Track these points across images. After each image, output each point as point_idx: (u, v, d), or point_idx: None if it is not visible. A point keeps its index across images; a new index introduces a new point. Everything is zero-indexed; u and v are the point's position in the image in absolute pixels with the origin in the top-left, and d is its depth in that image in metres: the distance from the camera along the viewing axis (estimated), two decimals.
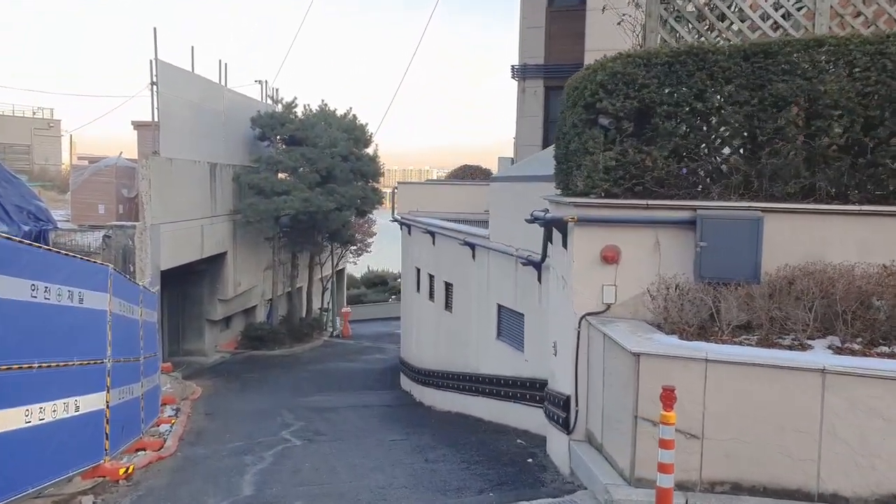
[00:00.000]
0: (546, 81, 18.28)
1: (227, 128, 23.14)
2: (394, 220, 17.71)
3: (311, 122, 24.92)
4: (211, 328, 23.55)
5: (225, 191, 22.66)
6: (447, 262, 13.32)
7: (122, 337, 9.20)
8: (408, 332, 16.74)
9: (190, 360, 22.73)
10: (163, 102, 18.12)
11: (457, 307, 12.88)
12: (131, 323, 9.96)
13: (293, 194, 22.78)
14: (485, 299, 11.49)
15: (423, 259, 15.04)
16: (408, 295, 16.78)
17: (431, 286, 14.57)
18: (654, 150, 6.23)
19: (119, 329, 8.88)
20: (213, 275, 23.09)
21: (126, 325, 9.55)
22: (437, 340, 14.00)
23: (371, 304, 43.13)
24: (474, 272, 11.89)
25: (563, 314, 7.05)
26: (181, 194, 19.37)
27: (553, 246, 7.70)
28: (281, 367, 21.74)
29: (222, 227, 22.52)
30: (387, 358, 24.39)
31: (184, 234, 19.61)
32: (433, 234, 13.91)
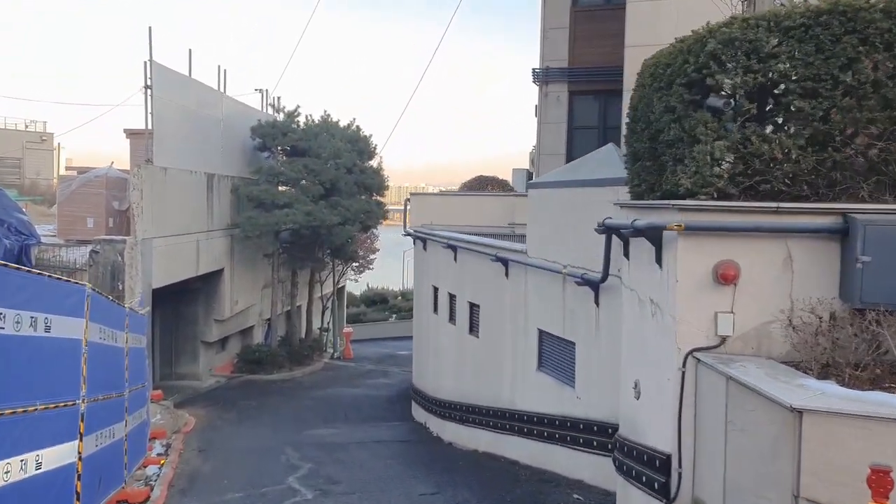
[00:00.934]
0: (570, 86, 16.98)
1: (226, 137, 21.75)
2: (406, 233, 16.29)
3: (314, 131, 23.56)
4: (206, 350, 22.00)
5: (223, 204, 21.22)
6: (472, 281, 11.88)
7: (102, 370, 7.70)
8: (423, 357, 15.24)
9: (183, 385, 21.16)
10: (157, 108, 16.72)
11: (485, 332, 11.42)
12: (114, 352, 8.46)
13: (295, 207, 21.34)
14: (521, 324, 10.04)
15: (441, 277, 13.59)
16: (422, 316, 15.30)
17: (452, 307, 13.11)
18: (785, 137, 4.83)
19: (98, 361, 7.40)
20: (208, 293, 21.58)
21: (107, 355, 8.05)
22: (459, 369, 12.51)
23: (371, 324, 41.60)
24: (508, 292, 10.45)
25: (653, 348, 5.61)
26: (176, 207, 17.92)
27: (630, 262, 6.28)
28: (280, 394, 20.17)
29: (219, 242, 21.05)
30: (392, 383, 22.85)
31: (178, 249, 18.14)
32: (455, 248, 12.48)
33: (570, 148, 17.06)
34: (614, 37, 16.48)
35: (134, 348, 10.07)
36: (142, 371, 11.19)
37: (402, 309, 46.02)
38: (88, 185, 19.32)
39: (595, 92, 16.86)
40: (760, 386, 4.18)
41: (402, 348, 35.73)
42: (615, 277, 7.60)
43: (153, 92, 16.53)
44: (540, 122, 17.26)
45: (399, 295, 49.18)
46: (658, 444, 5.49)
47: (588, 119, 17.10)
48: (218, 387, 21.23)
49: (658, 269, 5.43)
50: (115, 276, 16.29)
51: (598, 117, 16.99)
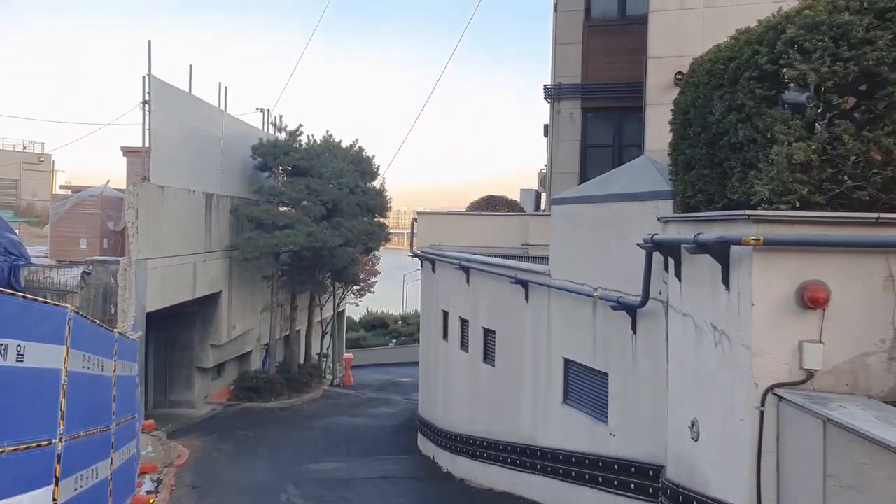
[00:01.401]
0: (584, 102, 16.40)
1: (226, 156, 21.12)
2: (413, 254, 15.54)
3: (316, 151, 22.95)
4: (201, 377, 21.12)
5: (221, 224, 20.51)
6: (487, 305, 11.11)
7: (85, 403, 6.90)
8: (430, 386, 14.41)
9: (177, 414, 20.25)
10: (156, 124, 16.09)
11: (501, 360, 10.63)
12: (99, 382, 7.66)
13: (297, 228, 20.63)
14: (544, 352, 9.26)
15: (452, 300, 12.83)
16: (430, 343, 14.50)
17: (464, 333, 12.33)
18: (884, 135, 4.12)
19: (80, 393, 6.60)
20: (205, 317, 20.77)
21: (92, 385, 7.26)
22: (472, 400, 11.69)
23: (371, 349, 40.70)
24: (528, 317, 9.69)
25: (718, 382, 4.85)
26: (173, 226, 17.21)
27: (684, 283, 5.55)
28: (279, 423, 19.26)
29: (217, 264, 20.30)
30: (395, 412, 21.94)
31: (174, 271, 17.38)
32: (468, 270, 11.74)
33: (584, 166, 16.43)
34: (630, 52, 15.93)
35: (123, 377, 9.27)
36: (132, 401, 10.36)
37: (403, 334, 45.13)
38: (83, 204, 18.60)
39: (610, 109, 16.27)
40: (879, 434, 3.42)
41: (403, 375, 34.80)
42: (656, 301, 6.86)
43: (151, 108, 15.91)
44: (552, 140, 16.65)
45: (399, 319, 48.29)
46: (727, 496, 4.70)
47: (602, 137, 16.48)
48: (214, 415, 20.32)
49: (724, 290, 4.69)
50: (107, 298, 15.51)
51: (614, 135, 16.38)
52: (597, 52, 16.19)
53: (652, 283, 6.78)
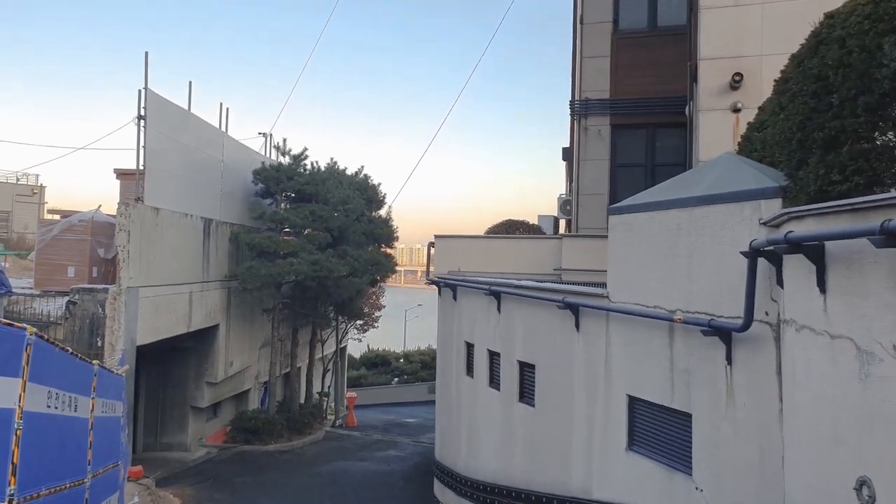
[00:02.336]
0: (613, 118, 15.29)
1: (226, 180, 19.92)
2: (430, 281, 14.21)
3: (321, 176, 21.78)
4: (196, 417, 19.56)
5: (220, 252, 19.20)
6: (525, 335, 9.75)
7: (48, 452, 5.50)
8: (451, 428, 12.93)
9: (168, 458, 18.64)
10: (151, 142, 14.91)
11: (543, 399, 9.22)
12: (71, 425, 6.26)
13: (301, 256, 19.31)
14: (600, 388, 7.87)
15: (479, 331, 11.46)
16: (450, 379, 13.07)
17: (494, 368, 10.93)
18: None
19: (41, 439, 5.22)
20: (200, 353, 19.31)
21: (59, 429, 5.86)
22: (505, 445, 10.23)
23: (373, 388, 39.02)
24: (579, 348, 8.32)
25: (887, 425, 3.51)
26: (168, 253, 15.89)
27: (829, 295, 4.24)
28: (280, 469, 17.66)
29: (215, 295, 18.92)
30: (404, 455, 20.33)
31: (169, 301, 16.00)
32: (498, 295, 10.40)
33: (614, 187, 15.24)
34: (662, 65, 14.90)
35: (104, 418, 7.85)
36: (115, 446, 8.90)
37: (406, 372, 43.52)
38: (71, 230, 17.29)
39: (641, 125, 15.16)
40: None
41: (408, 415, 33.11)
42: (762, 324, 5.54)
43: (147, 124, 14.74)
44: (578, 160, 15.48)
45: (401, 357, 46.66)
46: None
47: (633, 155, 15.34)
48: (209, 459, 18.71)
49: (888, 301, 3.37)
50: (94, 330, 14.11)
51: (646, 153, 15.24)
52: (626, 65, 15.15)
53: (757, 301, 5.47)
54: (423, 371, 42.96)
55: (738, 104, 10.04)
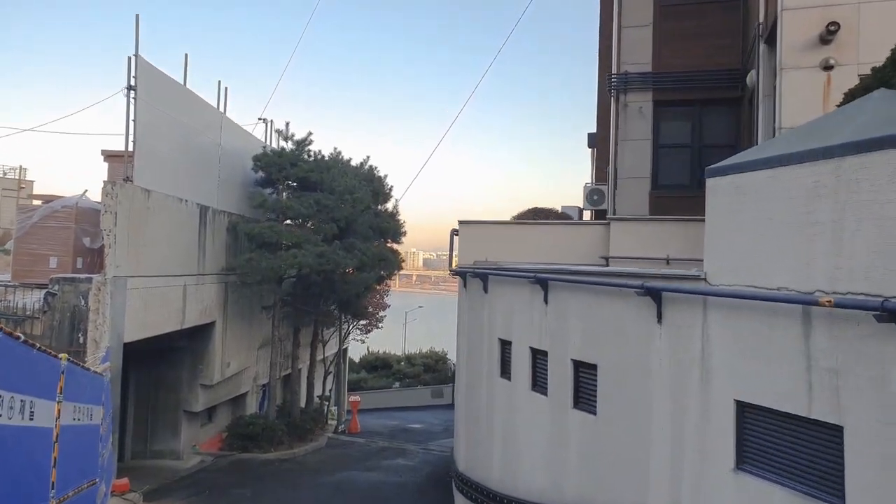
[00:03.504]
0: (655, 94, 13.83)
1: (224, 165, 18.38)
2: (454, 272, 12.70)
3: (326, 164, 20.25)
4: (189, 422, 17.98)
5: (217, 243, 17.64)
6: (582, 331, 8.24)
7: None
8: (480, 437, 11.41)
9: (159, 467, 17.06)
10: (142, 115, 13.36)
11: (608, 405, 7.71)
12: (27, 438, 4.71)
13: (305, 248, 17.76)
14: (694, 392, 6.37)
15: (518, 327, 9.96)
16: (479, 381, 11.56)
17: (538, 369, 9.43)
18: None
19: None
20: (195, 353, 17.75)
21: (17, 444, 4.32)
22: (555, 458, 8.72)
23: (373, 392, 37.41)
24: (661, 344, 6.82)
25: None
26: (160, 240, 14.34)
27: None
28: (280, 479, 16.10)
29: (211, 289, 17.36)
30: (414, 465, 18.80)
31: (160, 294, 14.44)
32: (546, 284, 8.89)
33: (657, 170, 13.77)
34: (711, 35, 13.43)
35: (77, 427, 6.31)
36: (91, 460, 7.35)
37: (408, 375, 41.94)
38: (53, 216, 15.70)
39: (688, 102, 13.70)
40: None
41: (412, 420, 31.55)
42: None
43: (137, 95, 13.20)
44: (616, 140, 14.00)
45: (403, 360, 45.04)
46: None
47: (678, 135, 13.87)
48: (203, 468, 17.13)
49: None
50: (75, 325, 12.53)
51: (693, 133, 13.77)
52: (672, 35, 13.70)
53: None
54: (425, 374, 41.41)
55: (829, 60, 8.59)
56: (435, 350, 44.98)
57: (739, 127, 13.40)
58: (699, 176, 13.59)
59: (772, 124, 10.06)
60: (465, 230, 12.79)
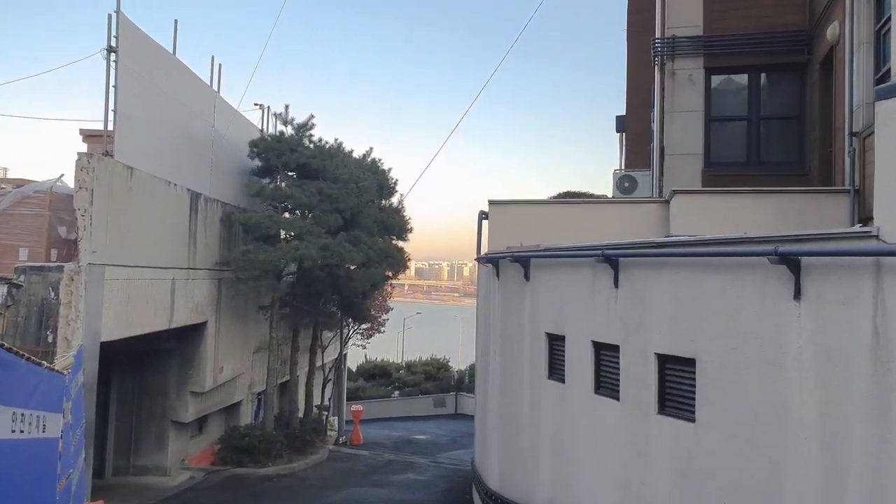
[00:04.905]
0: (707, 60, 12.27)
1: (218, 150, 16.70)
2: (484, 259, 11.05)
3: (329, 152, 18.60)
4: (178, 434, 16.19)
5: (210, 235, 15.92)
6: (671, 317, 6.59)
7: None
8: (519, 449, 9.72)
9: (143, 485, 15.25)
10: (124, 80, 11.67)
11: (710, 410, 6.05)
12: None
13: (307, 240, 16.06)
14: (861, 389, 4.72)
15: (573, 318, 8.30)
16: (517, 385, 9.89)
17: (604, 368, 7.77)
18: None
19: None
20: (184, 356, 15.99)
21: None
22: (632, 475, 7.04)
23: (373, 401, 35.59)
24: (803, 326, 5.18)
25: None
26: (144, 227, 12.62)
27: None
28: (282, 497, 14.34)
29: (203, 286, 15.63)
30: (427, 480, 17.05)
31: (145, 288, 12.71)
32: (616, 263, 7.25)
33: (709, 145, 12.19)
34: None
35: (18, 442, 4.58)
36: (44, 488, 5.60)
37: (408, 384, 40.15)
38: (24, 202, 13.89)
39: (744, 68, 12.14)
40: None
41: (416, 431, 29.75)
42: None
43: (119, 58, 11.51)
44: (662, 112, 12.41)
45: (402, 368, 43.23)
46: None
47: (733, 106, 12.31)
48: (193, 486, 15.34)
49: None
50: (43, 320, 10.77)
51: (750, 103, 12.20)
52: None
53: None
54: (426, 383, 39.64)
55: None
56: (436, 357, 43.22)
57: (804, 96, 11.84)
58: (757, 152, 12.03)
59: (872, 77, 8.49)
60: (497, 212, 11.13)
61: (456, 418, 35.52)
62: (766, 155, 11.92)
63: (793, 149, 11.81)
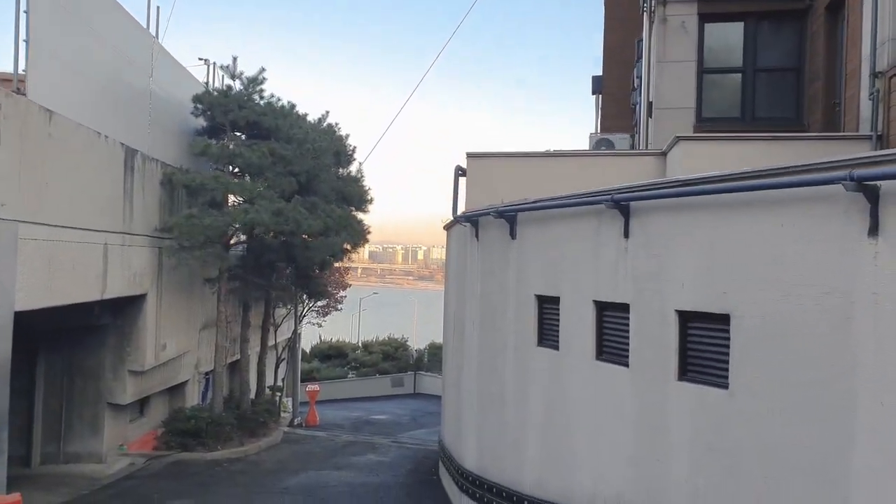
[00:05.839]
0: (701, 6, 11.31)
1: (157, 105, 15.06)
2: (461, 218, 9.91)
3: (283, 111, 17.11)
4: (115, 417, 14.69)
5: (148, 198, 14.34)
6: (695, 268, 5.59)
7: None
8: (500, 426, 8.71)
9: (75, 474, 13.78)
10: (39, 7, 10.04)
11: (747, 374, 5.08)
12: None
13: (259, 204, 14.63)
14: None
15: (570, 276, 7.26)
16: (499, 355, 8.85)
17: (607, 331, 6.76)
18: None
19: None
20: (121, 332, 14.46)
21: None
22: (645, 452, 6.06)
23: (329, 382, 34.28)
24: (876, 271, 4.20)
25: None
26: (69, 181, 11.05)
27: None
28: (233, 484, 13.05)
29: (141, 254, 14.09)
30: (390, 461, 15.99)
31: (71, 252, 11.16)
32: (626, 208, 6.21)
33: (701, 99, 11.26)
34: None
35: None
36: None
37: (365, 364, 38.94)
38: None
39: (742, 15, 11.22)
40: None
41: (375, 411, 28.64)
42: None
43: None
44: (650, 63, 11.42)
45: (359, 348, 41.95)
46: None
47: (728, 57, 11.41)
48: (132, 474, 13.92)
49: None
50: None
51: (745, 54, 11.30)
52: None
53: None
54: (384, 363, 38.49)
55: None
56: (394, 337, 42.05)
57: (803, 47, 11.01)
58: (752, 107, 11.17)
59: None
60: (475, 167, 9.99)
61: (415, 397, 34.60)
62: (761, 110, 11.08)
63: (790, 103, 11.00)
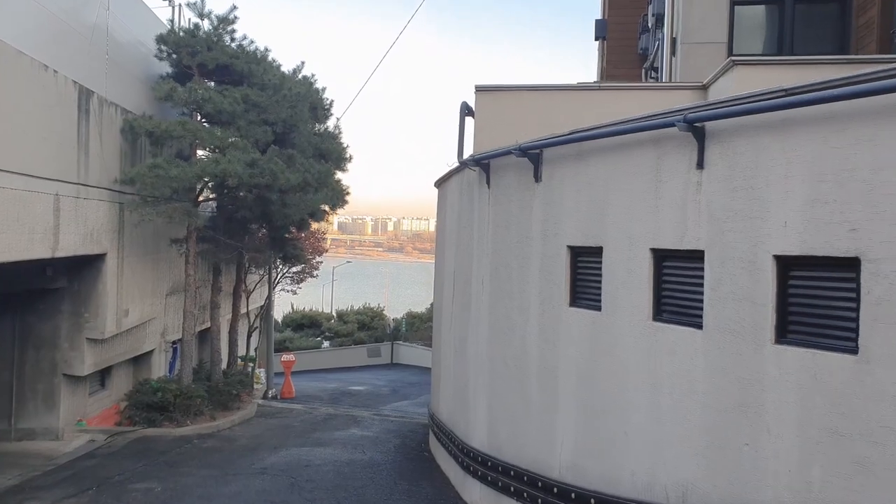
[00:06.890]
0: None
1: (116, 43, 13.41)
2: (467, 162, 8.65)
3: (254, 56, 15.51)
4: (72, 390, 13.31)
5: (107, 146, 12.77)
6: (802, 200, 4.44)
7: None
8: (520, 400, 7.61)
9: (27, 451, 12.44)
10: None
11: (887, 339, 3.95)
12: None
13: (231, 154, 13.15)
14: None
15: (618, 220, 6.10)
16: (517, 318, 7.71)
17: (665, 286, 5.63)
18: None
19: None
20: (78, 296, 13.03)
21: None
22: (730, 435, 4.96)
23: (303, 352, 33.02)
24: None
25: None
26: (9, 120, 9.50)
27: None
28: (205, 463, 11.79)
29: (100, 209, 12.58)
30: (375, 435, 14.87)
31: (15, 203, 9.66)
32: (700, 132, 5.02)
33: (733, 32, 10.10)
34: None
35: None
36: None
37: (340, 334, 37.75)
38: None
39: None
40: None
41: (352, 382, 27.52)
42: None
43: None
44: None
45: (333, 318, 40.66)
46: None
47: None
48: (92, 452, 12.58)
49: None
50: None
51: None
52: None
53: None
54: (360, 332, 37.32)
55: None
56: (370, 306, 40.82)
57: None
58: (791, 41, 10.04)
59: None
60: (486, 103, 8.71)
61: (393, 368, 33.58)
62: (800, 46, 9.95)
63: (833, 37, 9.89)
